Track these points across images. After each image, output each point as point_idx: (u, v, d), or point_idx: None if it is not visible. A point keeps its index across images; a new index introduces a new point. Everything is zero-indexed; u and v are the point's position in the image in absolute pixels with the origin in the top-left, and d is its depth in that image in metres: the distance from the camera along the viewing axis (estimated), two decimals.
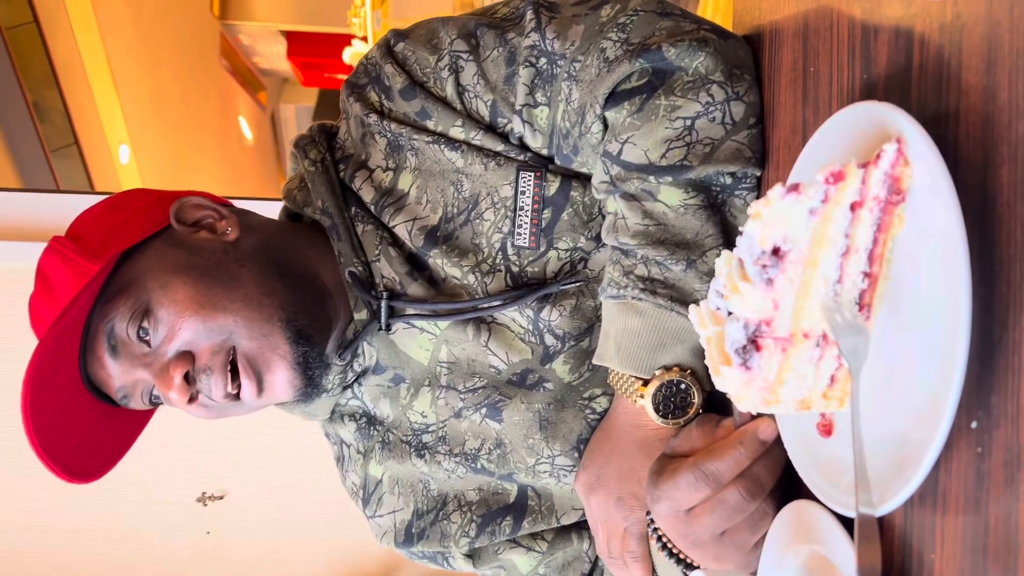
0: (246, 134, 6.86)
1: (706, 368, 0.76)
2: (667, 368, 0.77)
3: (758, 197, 0.76)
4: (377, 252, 0.89)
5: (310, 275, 0.90)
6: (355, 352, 0.91)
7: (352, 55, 4.83)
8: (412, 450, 0.93)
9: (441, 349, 0.90)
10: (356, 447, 0.97)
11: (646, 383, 0.78)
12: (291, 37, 6.58)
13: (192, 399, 0.85)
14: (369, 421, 0.96)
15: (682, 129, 0.75)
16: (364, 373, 0.93)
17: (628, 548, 0.82)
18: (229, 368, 0.84)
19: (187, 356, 0.83)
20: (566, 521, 0.92)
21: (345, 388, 0.95)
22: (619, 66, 0.76)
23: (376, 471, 0.96)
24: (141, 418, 0.94)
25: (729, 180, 0.76)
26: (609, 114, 0.78)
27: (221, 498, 1.85)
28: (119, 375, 0.85)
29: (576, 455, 0.88)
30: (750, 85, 0.76)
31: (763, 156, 0.76)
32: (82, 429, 0.88)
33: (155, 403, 0.88)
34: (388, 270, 0.88)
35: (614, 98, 0.77)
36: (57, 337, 0.81)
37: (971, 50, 0.48)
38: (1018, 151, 0.44)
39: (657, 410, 0.78)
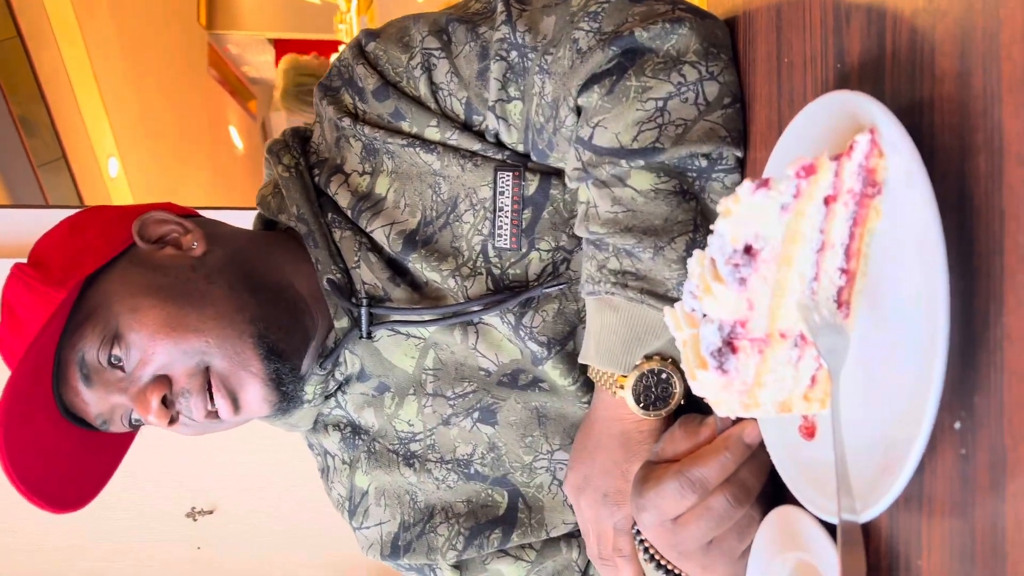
0: (236, 143, 6.83)
1: None
2: (648, 358, 0.75)
3: (741, 178, 0.74)
4: (356, 258, 0.87)
5: (283, 286, 0.88)
6: (336, 361, 0.89)
7: None
8: (400, 459, 0.91)
9: (428, 355, 0.88)
10: (341, 457, 0.95)
11: (628, 375, 0.76)
12: (279, 45, 6.55)
13: (172, 421, 0.83)
14: (354, 431, 0.94)
15: (654, 110, 0.72)
16: (347, 381, 0.92)
17: (617, 546, 0.79)
18: (207, 388, 0.82)
19: (164, 380, 0.81)
20: (555, 534, 0.90)
21: (327, 398, 0.93)
22: (592, 56, 0.74)
23: (362, 482, 0.94)
24: (123, 440, 0.92)
25: (704, 163, 0.73)
26: (581, 99, 0.75)
27: (211, 512, 1.83)
28: (95, 402, 0.83)
29: None
30: (726, 65, 0.74)
31: (741, 136, 0.73)
32: (63, 458, 0.86)
33: (136, 425, 0.86)
34: (369, 276, 0.86)
35: (586, 85, 0.75)
36: (28, 369, 0.80)
37: (944, 35, 0.46)
38: (994, 138, 0.42)
39: (638, 401, 0.75)
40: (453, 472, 0.90)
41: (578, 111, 0.77)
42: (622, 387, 0.76)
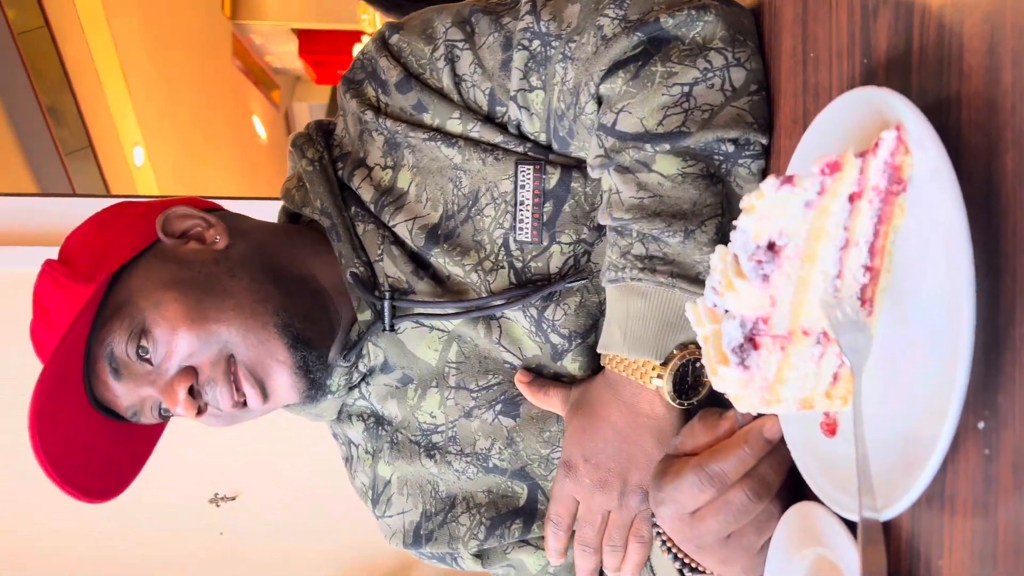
0: (260, 133, 6.87)
1: None
2: (683, 347, 0.75)
3: (765, 170, 0.74)
4: (380, 252, 0.87)
5: (306, 277, 0.88)
6: (360, 353, 0.89)
7: None
8: (422, 450, 0.92)
9: (451, 348, 0.89)
10: (364, 447, 0.96)
11: (665, 363, 0.75)
12: (302, 35, 6.58)
13: (200, 411, 0.84)
14: (377, 421, 0.95)
15: (679, 95, 0.72)
16: (371, 373, 0.92)
17: (638, 532, 0.80)
18: (232, 378, 0.83)
19: (190, 371, 0.83)
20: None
21: (352, 389, 0.94)
22: (616, 43, 0.74)
23: (385, 471, 0.95)
24: (154, 431, 0.94)
25: (731, 148, 0.72)
26: (604, 87, 0.75)
27: (234, 499, 1.85)
28: (125, 395, 0.85)
29: None
30: (752, 52, 0.73)
31: (768, 123, 0.73)
32: (95, 449, 0.87)
33: (165, 416, 0.88)
34: (392, 269, 0.87)
35: (609, 72, 0.75)
36: (58, 364, 0.81)
37: (972, 31, 0.46)
38: (1022, 137, 0.42)
39: (673, 389, 0.75)
40: (472, 465, 0.91)
41: (599, 99, 0.77)
42: (659, 376, 0.75)
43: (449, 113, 0.84)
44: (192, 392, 0.83)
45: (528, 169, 0.83)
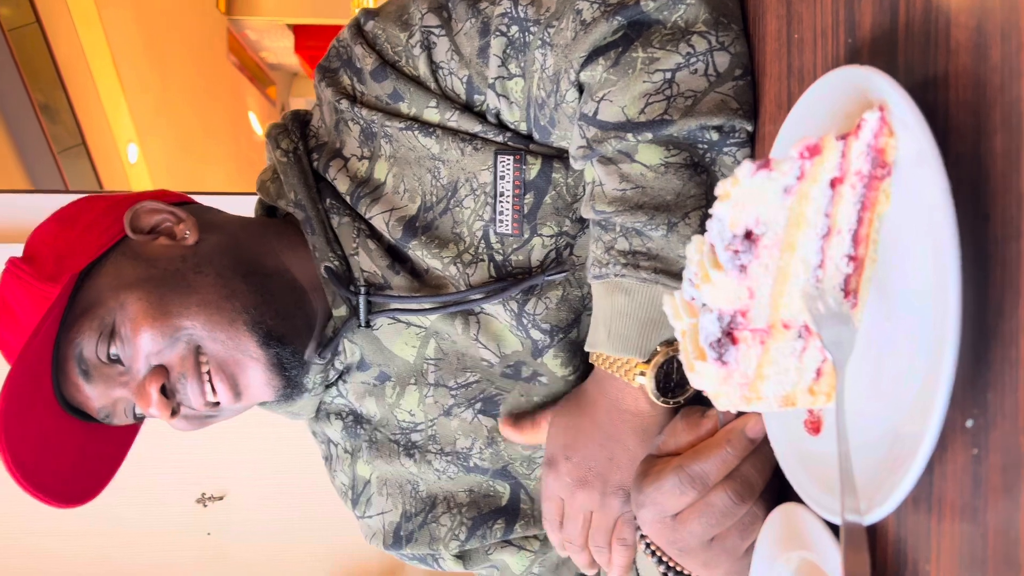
0: (256, 129, 6.84)
1: None
2: (668, 343, 0.72)
3: (752, 155, 0.72)
4: (355, 245, 0.85)
5: (280, 272, 0.86)
6: (335, 350, 0.87)
7: None
8: (401, 449, 0.90)
9: (429, 344, 0.86)
10: (343, 446, 0.94)
11: (649, 360, 0.73)
12: (298, 31, 6.54)
13: (175, 412, 0.82)
14: (356, 420, 0.92)
15: (662, 82, 0.69)
16: (348, 370, 0.90)
17: (620, 535, 0.77)
18: (205, 373, 0.81)
19: (161, 370, 0.80)
20: None
21: (329, 387, 0.91)
22: (596, 27, 0.71)
23: (364, 471, 0.93)
24: (128, 433, 0.91)
25: (716, 136, 0.70)
26: (584, 75, 0.73)
27: (221, 499, 1.83)
28: (96, 397, 0.82)
29: None
30: (737, 35, 0.71)
31: (752, 109, 0.70)
32: (68, 452, 0.85)
33: (139, 418, 0.85)
34: (368, 263, 0.84)
35: (589, 58, 0.72)
36: (26, 365, 0.79)
37: (960, 5, 0.43)
38: (1012, 117, 0.39)
39: (658, 388, 0.73)
40: (453, 464, 0.88)
41: (579, 86, 0.74)
42: (642, 374, 0.73)
43: (426, 102, 0.81)
44: (165, 392, 0.80)
45: (508, 159, 0.80)
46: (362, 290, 0.84)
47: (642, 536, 0.72)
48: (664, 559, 0.70)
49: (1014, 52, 0.39)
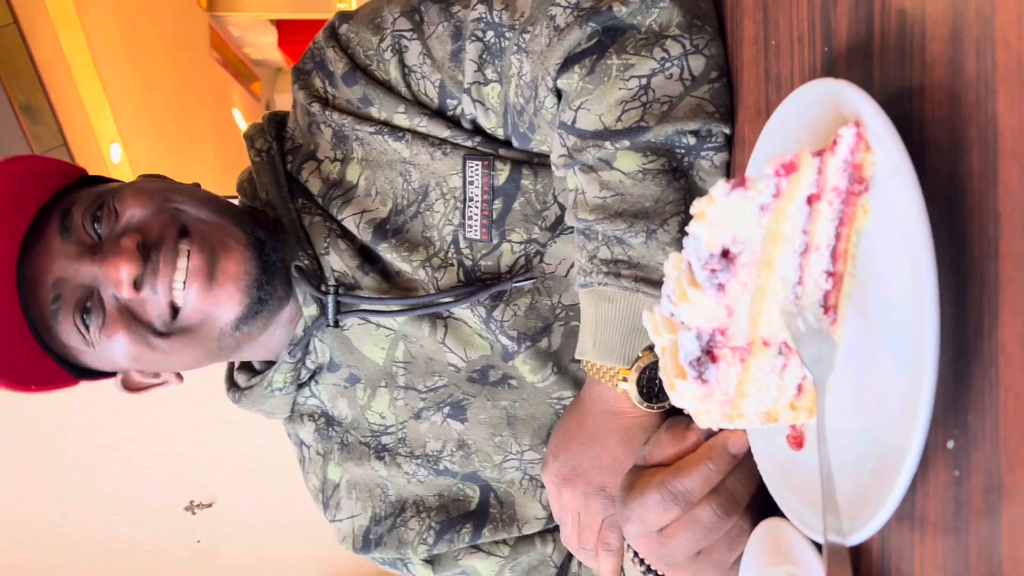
0: (241, 126, 6.80)
1: None
2: (650, 348, 0.72)
3: (729, 162, 0.71)
4: (326, 245, 0.85)
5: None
6: (306, 349, 0.87)
7: None
8: (371, 452, 0.89)
9: (398, 347, 0.86)
10: (316, 448, 0.94)
11: (631, 367, 0.72)
12: (281, 26, 6.49)
13: (137, 287, 0.77)
14: (328, 422, 0.92)
15: (637, 88, 0.69)
16: (319, 371, 0.90)
17: (604, 540, 0.77)
18: (184, 251, 0.78)
19: (138, 232, 0.78)
20: (528, 531, 0.88)
21: (301, 386, 0.91)
22: (570, 33, 0.70)
23: (335, 474, 0.92)
24: (53, 376, 0.86)
25: (692, 140, 0.70)
26: (561, 82, 0.72)
27: (210, 506, 1.82)
28: (62, 261, 0.79)
29: (546, 449, 0.84)
30: (712, 37, 0.70)
31: (729, 111, 0.70)
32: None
33: (85, 322, 0.79)
34: (338, 263, 0.84)
35: (565, 65, 0.71)
36: (13, 180, 0.81)
37: (935, 16, 0.42)
38: (988, 133, 0.38)
39: (641, 393, 0.72)
40: (423, 467, 0.88)
41: (557, 93, 0.74)
42: (625, 380, 0.73)
43: (395, 107, 0.81)
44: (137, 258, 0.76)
45: (476, 164, 0.80)
46: (331, 289, 0.84)
47: (630, 546, 0.72)
48: (652, 569, 0.70)
49: (989, 68, 0.38)
